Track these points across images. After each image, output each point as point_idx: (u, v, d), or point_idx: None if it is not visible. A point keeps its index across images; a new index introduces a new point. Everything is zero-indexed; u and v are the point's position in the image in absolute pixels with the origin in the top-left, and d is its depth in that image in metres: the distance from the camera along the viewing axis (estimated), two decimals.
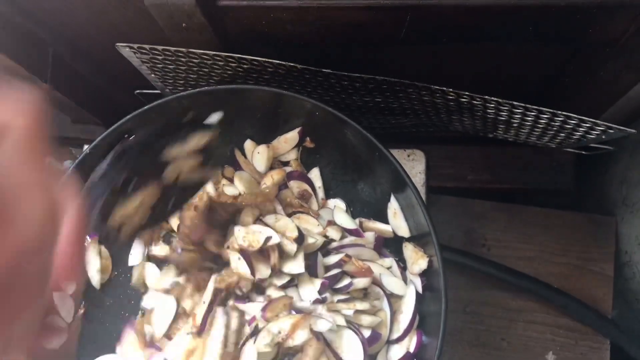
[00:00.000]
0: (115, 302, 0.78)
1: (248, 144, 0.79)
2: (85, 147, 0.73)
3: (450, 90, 0.66)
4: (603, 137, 0.69)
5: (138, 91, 0.84)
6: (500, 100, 0.66)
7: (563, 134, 0.74)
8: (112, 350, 0.74)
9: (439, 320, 0.63)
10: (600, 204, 1.00)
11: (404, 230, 0.71)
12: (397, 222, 0.71)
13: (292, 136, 0.75)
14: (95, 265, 0.76)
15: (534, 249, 0.94)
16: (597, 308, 0.90)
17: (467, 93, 0.66)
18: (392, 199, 0.71)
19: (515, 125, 0.76)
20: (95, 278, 0.76)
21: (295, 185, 0.75)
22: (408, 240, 0.71)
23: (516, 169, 1.01)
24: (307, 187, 0.74)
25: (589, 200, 1.04)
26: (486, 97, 0.65)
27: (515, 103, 0.66)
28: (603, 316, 0.89)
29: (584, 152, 0.86)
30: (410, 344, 0.68)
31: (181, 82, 0.77)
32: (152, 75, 0.76)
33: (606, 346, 0.90)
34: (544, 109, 0.65)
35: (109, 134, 0.72)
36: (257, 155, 0.78)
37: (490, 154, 1.02)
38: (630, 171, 0.92)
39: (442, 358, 0.65)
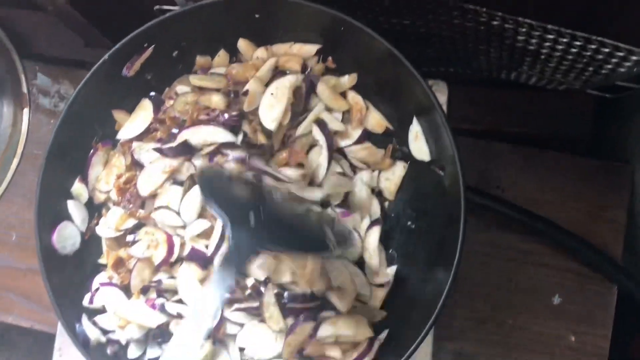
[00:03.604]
0: None
1: (242, 44, 0.75)
2: (105, 56, 0.71)
3: (484, 10, 0.64)
4: (635, 69, 0.68)
5: (157, 7, 0.82)
6: (533, 23, 0.64)
7: (592, 67, 0.72)
8: None
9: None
10: (617, 153, 0.99)
11: (424, 154, 0.70)
12: (418, 145, 0.70)
13: (309, 49, 0.73)
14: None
15: (547, 193, 0.93)
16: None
17: (499, 13, 0.64)
18: (415, 121, 0.70)
19: (542, 57, 0.74)
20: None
21: None
22: (428, 164, 0.71)
23: (535, 113, 1.00)
24: None
25: (606, 148, 1.03)
26: (519, 18, 0.64)
27: (548, 27, 0.64)
28: (613, 261, 0.89)
29: (607, 95, 0.85)
30: None
31: None
32: None
33: (613, 291, 0.90)
34: (578, 33, 0.63)
35: (128, 41, 0.70)
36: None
37: (509, 98, 1.00)
38: None
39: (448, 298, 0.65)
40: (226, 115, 0.69)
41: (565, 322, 0.91)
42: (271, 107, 0.69)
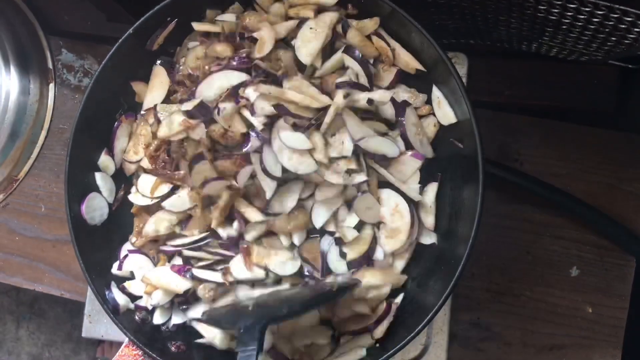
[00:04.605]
0: None
1: None
2: (130, 30, 0.72)
3: None
4: None
5: None
6: None
7: (614, 38, 0.72)
8: None
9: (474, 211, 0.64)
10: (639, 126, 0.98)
11: (450, 117, 0.70)
12: (442, 111, 0.71)
13: None
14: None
15: (567, 165, 0.94)
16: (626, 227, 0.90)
17: None
18: (434, 88, 0.71)
19: (564, 27, 0.74)
20: None
21: None
22: (448, 136, 0.71)
23: (556, 86, 0.99)
24: None
25: (628, 121, 1.02)
26: None
27: None
28: (632, 234, 0.89)
29: (630, 66, 0.84)
30: None
31: None
32: None
33: (631, 263, 0.91)
34: (600, 2, 0.63)
35: (151, 15, 0.71)
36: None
37: (529, 69, 1.00)
38: None
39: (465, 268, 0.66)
40: (237, 59, 0.69)
41: (583, 293, 0.92)
42: (308, 42, 0.68)
